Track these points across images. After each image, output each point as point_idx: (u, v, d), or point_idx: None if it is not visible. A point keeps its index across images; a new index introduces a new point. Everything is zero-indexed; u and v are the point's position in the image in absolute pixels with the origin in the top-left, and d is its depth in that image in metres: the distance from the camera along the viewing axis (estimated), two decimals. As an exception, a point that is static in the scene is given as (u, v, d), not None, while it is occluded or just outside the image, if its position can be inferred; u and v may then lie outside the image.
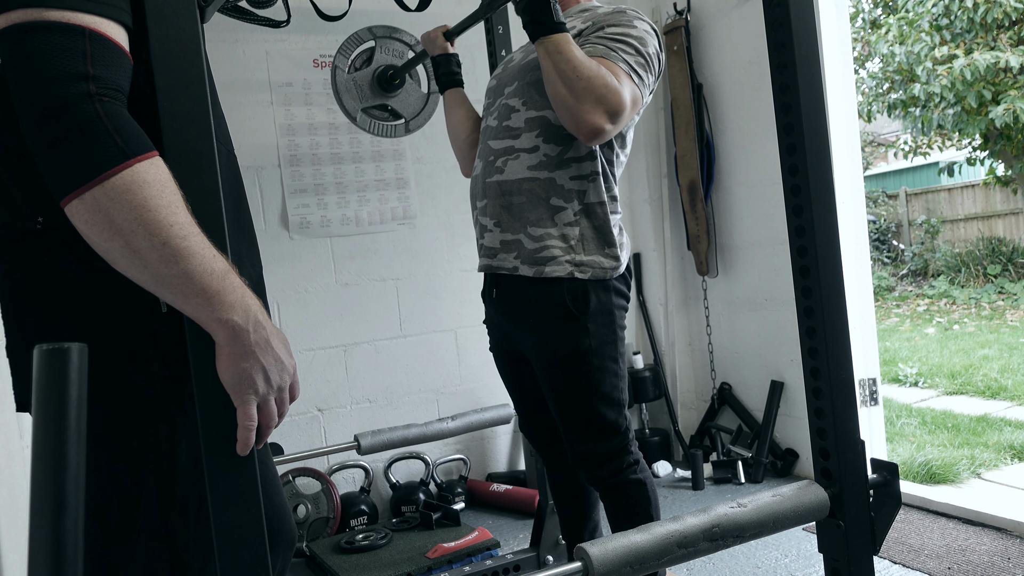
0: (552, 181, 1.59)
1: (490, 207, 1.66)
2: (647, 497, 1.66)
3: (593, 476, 1.66)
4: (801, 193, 1.16)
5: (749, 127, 3.13)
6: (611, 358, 1.61)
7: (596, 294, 1.59)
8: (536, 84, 1.61)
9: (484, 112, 1.78)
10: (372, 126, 2.17)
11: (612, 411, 1.62)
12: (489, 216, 1.66)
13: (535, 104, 1.61)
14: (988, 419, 3.94)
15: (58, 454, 0.55)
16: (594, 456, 1.63)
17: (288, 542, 1.05)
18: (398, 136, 2.26)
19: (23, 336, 0.91)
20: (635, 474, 1.65)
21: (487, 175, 1.67)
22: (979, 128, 7.67)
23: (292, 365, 0.90)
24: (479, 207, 1.70)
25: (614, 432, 1.63)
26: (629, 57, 1.52)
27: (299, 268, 2.95)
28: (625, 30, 1.55)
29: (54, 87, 0.75)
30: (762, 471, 3.06)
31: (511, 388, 1.87)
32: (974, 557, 2.23)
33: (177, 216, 0.79)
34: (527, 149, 1.61)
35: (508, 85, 1.70)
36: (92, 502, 0.89)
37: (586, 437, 1.63)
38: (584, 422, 1.62)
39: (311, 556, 2.60)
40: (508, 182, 1.62)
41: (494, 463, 3.29)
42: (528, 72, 1.64)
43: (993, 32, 7.53)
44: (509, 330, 1.73)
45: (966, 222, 10.07)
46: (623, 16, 1.58)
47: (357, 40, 2.14)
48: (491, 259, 1.67)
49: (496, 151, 1.66)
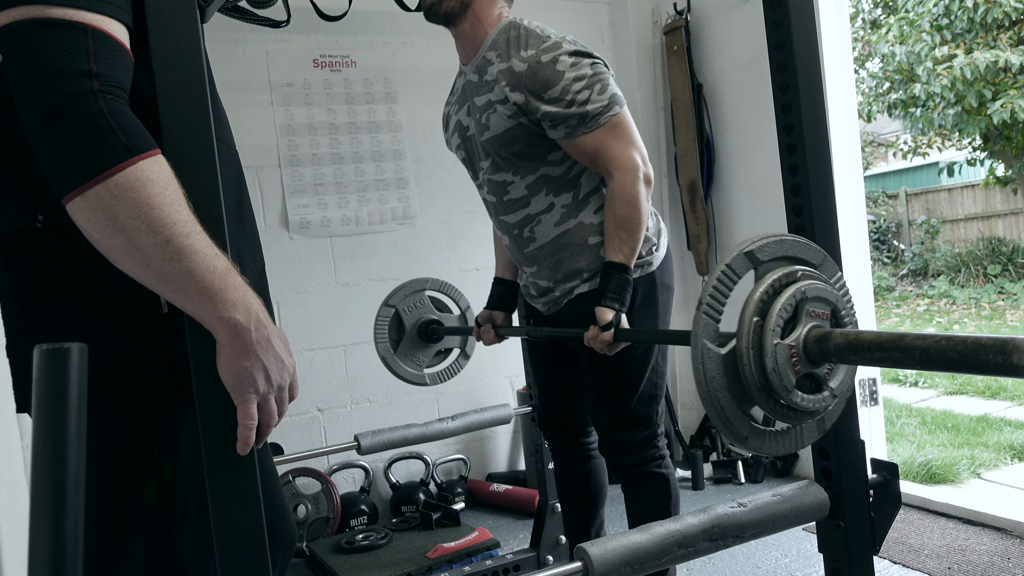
0: (581, 224, 1.63)
1: (543, 271, 1.71)
2: (668, 492, 1.70)
3: (618, 463, 1.72)
4: (801, 193, 1.16)
5: (749, 127, 3.13)
6: (654, 353, 1.68)
7: (642, 288, 1.64)
8: (515, 157, 1.60)
9: (472, 176, 1.78)
10: (443, 374, 2.29)
11: (647, 403, 1.68)
12: (545, 278, 1.71)
13: (527, 169, 1.62)
14: (988, 419, 3.94)
15: (58, 454, 0.55)
16: (622, 444, 1.69)
17: (288, 542, 1.05)
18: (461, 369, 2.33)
19: (23, 336, 0.91)
20: (659, 468, 1.70)
21: (523, 247, 1.71)
22: (979, 128, 7.66)
23: (292, 364, 0.90)
24: (529, 272, 1.75)
25: (645, 424, 1.69)
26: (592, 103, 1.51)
27: (299, 268, 2.95)
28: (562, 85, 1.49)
29: (57, 84, 0.74)
30: (762, 471, 3.06)
31: (539, 372, 1.92)
32: (974, 557, 2.22)
33: (180, 214, 0.79)
34: (544, 210, 1.64)
35: (481, 159, 1.68)
36: (93, 502, 0.89)
37: (618, 424, 1.69)
38: (619, 410, 1.67)
39: (311, 556, 2.60)
40: (545, 246, 1.66)
41: (494, 463, 3.29)
42: (498, 149, 1.61)
43: (993, 32, 7.53)
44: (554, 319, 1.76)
45: (966, 222, 10.06)
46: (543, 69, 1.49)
47: (381, 322, 2.22)
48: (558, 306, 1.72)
49: (515, 224, 1.69)
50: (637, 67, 3.46)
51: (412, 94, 3.13)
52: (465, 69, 1.68)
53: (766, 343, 0.86)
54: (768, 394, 0.87)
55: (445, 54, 3.18)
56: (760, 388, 0.87)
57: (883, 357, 0.81)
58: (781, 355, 0.86)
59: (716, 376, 0.87)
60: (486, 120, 1.60)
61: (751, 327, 0.87)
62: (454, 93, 1.75)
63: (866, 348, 0.82)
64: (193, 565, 0.93)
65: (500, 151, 1.61)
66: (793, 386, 0.87)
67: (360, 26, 3.01)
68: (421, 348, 2.25)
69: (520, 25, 1.57)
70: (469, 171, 1.78)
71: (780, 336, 0.86)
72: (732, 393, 0.88)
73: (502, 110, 1.55)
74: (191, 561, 0.93)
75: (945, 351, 0.73)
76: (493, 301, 1.94)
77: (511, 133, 1.57)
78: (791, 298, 0.87)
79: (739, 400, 0.88)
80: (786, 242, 0.93)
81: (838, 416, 0.99)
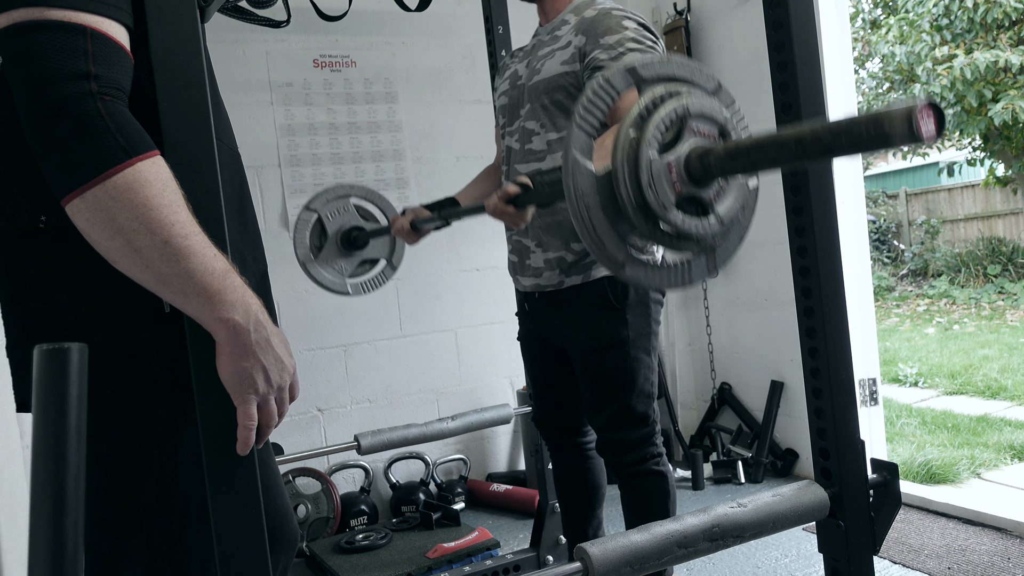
0: None
1: (531, 230, 1.69)
2: (666, 490, 1.70)
3: (617, 462, 1.71)
4: (801, 193, 1.16)
5: (749, 127, 3.13)
6: (645, 350, 1.67)
7: (634, 286, 1.63)
8: (552, 107, 1.63)
9: (503, 129, 1.80)
10: (366, 286, 2.19)
11: (642, 402, 1.68)
12: (531, 238, 1.70)
13: (555, 126, 1.64)
14: (988, 419, 3.94)
15: (58, 454, 0.55)
16: (621, 443, 1.69)
17: (290, 542, 1.05)
18: (389, 279, 2.25)
19: (23, 336, 0.91)
20: (657, 466, 1.70)
21: None
22: (979, 128, 7.67)
23: (292, 365, 0.90)
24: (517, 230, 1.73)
25: (642, 422, 1.68)
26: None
27: (299, 268, 2.94)
28: (619, 36, 1.56)
29: (56, 86, 0.75)
30: (762, 471, 3.06)
31: (535, 373, 1.91)
32: (974, 557, 2.23)
33: (178, 215, 0.79)
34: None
35: (521, 106, 1.71)
36: (93, 502, 0.89)
37: (615, 424, 1.68)
38: (614, 410, 1.67)
39: (311, 556, 2.60)
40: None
41: (494, 463, 3.29)
42: (542, 94, 1.65)
43: (993, 32, 7.54)
44: (547, 319, 1.76)
45: (966, 222, 10.07)
46: (611, 19, 1.58)
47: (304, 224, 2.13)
48: (538, 278, 1.71)
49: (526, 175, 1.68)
50: (637, 67, 3.46)
51: (412, 94, 3.13)
52: (540, 31, 1.75)
53: (642, 157, 0.79)
54: (645, 214, 0.81)
55: (445, 54, 3.18)
56: (636, 208, 0.80)
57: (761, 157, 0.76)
58: (658, 170, 0.79)
59: (588, 194, 0.80)
60: (540, 65, 1.65)
61: (626, 142, 0.80)
62: (523, 49, 1.81)
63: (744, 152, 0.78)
64: (194, 565, 0.93)
65: (542, 96, 1.64)
66: (672, 203, 0.80)
67: (360, 26, 3.01)
68: (344, 256, 2.16)
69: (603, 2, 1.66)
70: (504, 119, 1.78)
71: (658, 152, 0.80)
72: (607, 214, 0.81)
73: (560, 55, 1.61)
74: (192, 561, 0.93)
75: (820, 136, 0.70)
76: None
77: (559, 80, 1.60)
78: (672, 112, 0.81)
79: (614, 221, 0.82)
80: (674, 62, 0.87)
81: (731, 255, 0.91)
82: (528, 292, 1.78)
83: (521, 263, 1.75)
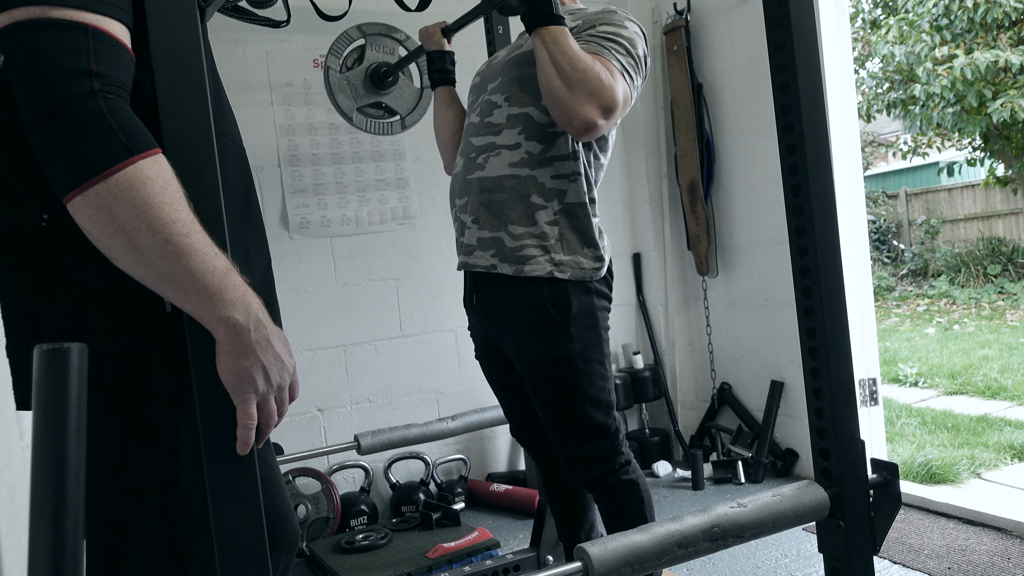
0: (533, 179, 1.57)
1: (470, 204, 1.64)
2: (640, 497, 1.65)
3: (586, 478, 1.66)
4: (801, 193, 1.16)
5: (749, 127, 3.13)
6: (596, 360, 1.60)
7: (577, 297, 1.57)
8: (520, 80, 1.60)
9: (468, 109, 1.77)
10: (368, 124, 2.17)
11: (600, 413, 1.61)
12: (469, 213, 1.64)
13: (518, 101, 1.60)
14: (988, 419, 3.94)
15: (58, 454, 0.55)
16: (585, 458, 1.63)
17: (291, 542, 1.05)
18: (395, 133, 2.26)
19: (24, 335, 0.91)
20: (627, 474, 1.64)
21: (468, 172, 1.65)
22: (979, 128, 7.67)
23: (292, 364, 0.90)
24: (459, 204, 1.68)
25: (604, 434, 1.62)
26: (621, 57, 1.52)
27: (299, 268, 2.95)
28: (616, 30, 1.55)
29: (58, 84, 0.75)
30: (762, 471, 3.06)
31: (498, 392, 1.85)
32: (974, 557, 2.23)
33: (179, 213, 0.79)
34: (509, 146, 1.59)
35: (491, 81, 1.68)
36: (94, 502, 0.89)
37: (577, 440, 1.62)
38: (574, 426, 1.61)
39: (311, 556, 2.60)
40: (489, 179, 1.60)
41: (494, 463, 3.29)
42: (512, 68, 1.63)
43: (993, 32, 7.53)
44: (492, 334, 1.71)
45: (966, 222, 10.07)
46: (614, 16, 1.59)
47: (347, 39, 2.13)
48: (468, 256, 1.65)
49: (477, 148, 1.64)
50: (637, 67, 3.46)
51: (412, 94, 3.14)
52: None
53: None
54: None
55: (445, 54, 3.18)
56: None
57: None
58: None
59: None
60: (522, 40, 1.65)
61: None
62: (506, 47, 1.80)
63: None
64: (194, 565, 0.93)
65: (512, 70, 1.62)
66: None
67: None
68: (367, 89, 2.15)
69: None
70: (471, 98, 1.76)
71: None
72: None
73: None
74: (192, 561, 0.93)
75: None
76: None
77: (531, 55, 1.57)
78: None
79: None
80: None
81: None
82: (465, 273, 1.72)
83: (459, 239, 1.70)
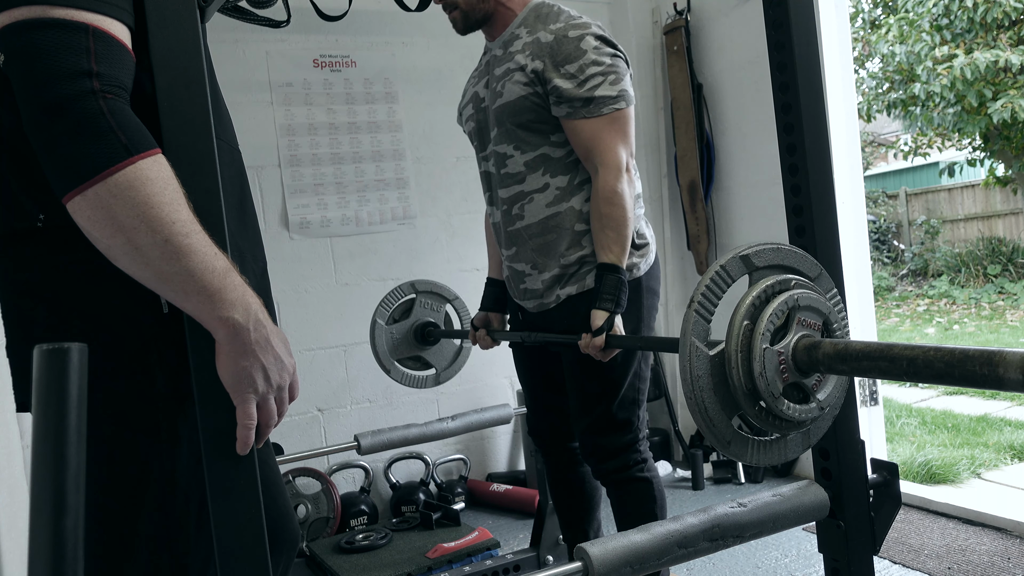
0: (572, 209, 1.62)
1: (522, 253, 1.69)
2: (652, 496, 1.68)
3: (600, 469, 1.70)
4: (801, 193, 1.16)
5: (749, 127, 3.13)
6: (636, 357, 1.66)
7: (627, 292, 1.61)
8: (523, 127, 1.61)
9: (478, 155, 1.79)
10: (404, 377, 2.25)
11: (629, 408, 1.67)
12: (524, 262, 1.69)
13: (530, 145, 1.62)
14: (988, 419, 3.94)
15: (58, 454, 0.55)
16: (604, 449, 1.68)
17: (291, 542, 1.05)
18: (427, 387, 2.31)
19: (23, 336, 0.91)
20: (642, 472, 1.68)
21: (508, 224, 1.69)
22: (979, 128, 7.67)
23: (292, 364, 0.90)
24: (508, 255, 1.73)
25: (627, 429, 1.67)
26: (602, 89, 1.53)
27: (299, 268, 2.95)
28: (580, 63, 1.53)
29: (58, 84, 0.75)
30: (762, 471, 3.06)
31: (527, 381, 1.89)
32: (974, 557, 2.22)
33: (179, 213, 0.79)
34: (538, 189, 1.63)
35: (490, 130, 1.69)
36: (93, 502, 0.89)
37: (600, 430, 1.67)
38: (600, 415, 1.66)
39: (311, 556, 2.60)
40: (532, 225, 1.65)
41: (494, 463, 3.29)
42: (508, 117, 1.62)
43: (993, 32, 7.53)
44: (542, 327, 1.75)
45: (966, 222, 10.06)
46: (568, 44, 1.54)
47: (399, 293, 2.23)
48: (541, 299, 1.70)
49: (508, 199, 1.68)
50: (637, 67, 3.46)
51: (412, 94, 3.13)
52: (491, 46, 1.72)
53: (755, 347, 0.86)
54: (754, 400, 0.87)
55: (445, 54, 3.18)
56: (746, 393, 0.87)
57: (871, 367, 0.80)
58: (769, 361, 0.86)
59: (703, 376, 0.86)
60: (501, 88, 1.63)
61: (741, 330, 0.86)
62: (477, 69, 1.78)
63: (854, 357, 0.82)
64: (194, 565, 0.93)
65: (508, 120, 1.62)
66: (780, 393, 0.87)
67: (360, 26, 3.01)
68: (408, 342, 2.24)
69: (551, 5, 1.63)
70: (476, 144, 1.77)
71: (770, 342, 0.86)
72: (718, 395, 0.87)
73: (519, 77, 1.58)
74: (192, 561, 0.92)
75: (932, 362, 0.74)
76: (488, 303, 1.93)
77: (522, 103, 1.59)
78: (783, 305, 0.88)
79: (724, 403, 0.88)
80: (783, 251, 0.93)
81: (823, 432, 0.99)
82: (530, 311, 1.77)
83: (519, 287, 1.74)
